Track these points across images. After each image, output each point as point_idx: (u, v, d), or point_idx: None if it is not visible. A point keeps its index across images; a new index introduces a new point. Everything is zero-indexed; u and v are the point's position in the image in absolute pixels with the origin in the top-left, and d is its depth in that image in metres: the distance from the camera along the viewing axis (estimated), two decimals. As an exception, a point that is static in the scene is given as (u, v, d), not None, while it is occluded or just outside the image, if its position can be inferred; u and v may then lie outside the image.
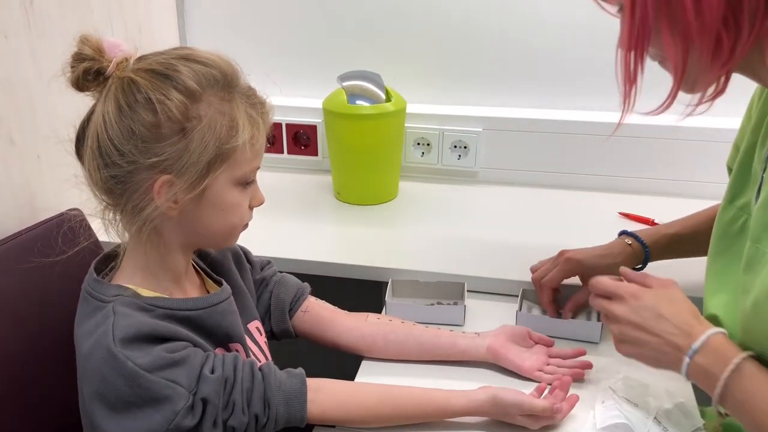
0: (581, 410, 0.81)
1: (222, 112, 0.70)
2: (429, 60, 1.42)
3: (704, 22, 0.59)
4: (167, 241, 0.75)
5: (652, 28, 0.62)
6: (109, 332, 0.68)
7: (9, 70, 0.99)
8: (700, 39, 0.61)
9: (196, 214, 0.73)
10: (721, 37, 0.60)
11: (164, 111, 0.67)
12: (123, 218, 0.74)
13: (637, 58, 0.64)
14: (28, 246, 0.92)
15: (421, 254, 1.13)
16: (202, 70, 0.70)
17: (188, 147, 0.69)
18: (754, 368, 0.66)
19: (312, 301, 0.95)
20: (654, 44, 0.64)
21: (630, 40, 0.64)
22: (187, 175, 0.69)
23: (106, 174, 0.70)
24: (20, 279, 0.90)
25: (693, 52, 0.62)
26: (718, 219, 0.81)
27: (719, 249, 0.79)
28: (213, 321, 0.77)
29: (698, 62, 0.63)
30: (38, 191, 1.06)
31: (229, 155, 0.71)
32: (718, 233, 0.80)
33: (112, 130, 0.69)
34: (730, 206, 0.79)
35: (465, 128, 1.40)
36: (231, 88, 0.72)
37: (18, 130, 1.01)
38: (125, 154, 0.69)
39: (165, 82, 0.69)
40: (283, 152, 1.48)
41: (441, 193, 1.40)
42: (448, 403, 0.79)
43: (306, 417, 0.76)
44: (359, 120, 1.26)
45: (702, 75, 0.64)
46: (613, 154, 1.36)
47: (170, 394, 0.68)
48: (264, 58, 1.47)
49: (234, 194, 0.74)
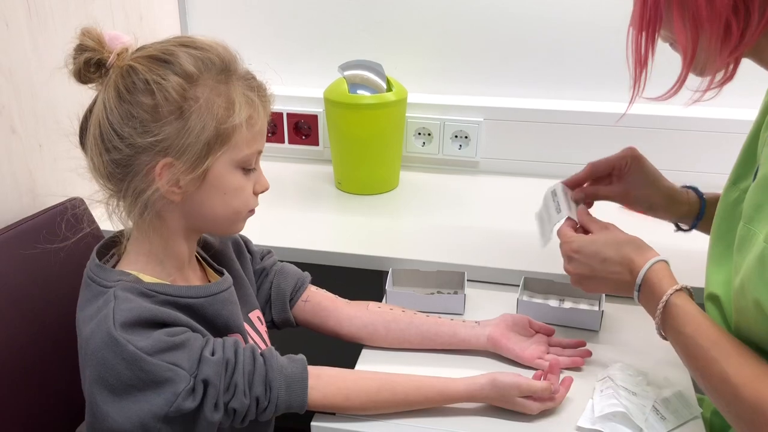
0: (579, 399, 0.82)
1: (219, 93, 0.71)
2: (430, 50, 1.42)
3: (714, 8, 0.60)
4: (171, 227, 0.76)
5: (664, 11, 0.63)
6: (110, 316, 0.69)
7: (10, 58, 0.99)
8: (709, 25, 0.61)
9: (199, 198, 0.74)
10: (731, 24, 0.61)
11: (162, 93, 0.69)
12: (126, 203, 0.74)
13: (648, 40, 0.65)
14: (30, 234, 0.93)
15: (421, 244, 1.14)
16: (200, 55, 0.71)
17: (186, 127, 0.69)
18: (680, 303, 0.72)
19: (312, 290, 0.96)
20: (665, 27, 0.64)
21: (642, 21, 0.64)
22: (186, 155, 0.70)
23: (107, 159, 0.71)
24: (22, 267, 0.91)
25: (703, 37, 0.63)
26: (722, 200, 0.81)
27: (721, 230, 0.80)
28: (213, 310, 0.77)
29: (707, 47, 0.63)
30: (40, 180, 1.06)
31: (228, 136, 0.72)
32: (721, 214, 0.81)
33: (112, 115, 0.70)
34: (733, 187, 0.79)
35: (466, 118, 1.39)
36: (228, 72, 0.73)
37: (19, 119, 1.02)
38: (125, 137, 0.70)
39: (163, 66, 0.70)
40: (284, 142, 1.48)
41: (442, 182, 1.40)
42: (447, 387, 0.80)
43: (306, 402, 0.76)
44: (360, 109, 1.26)
45: (711, 60, 0.65)
46: (615, 145, 1.35)
47: (171, 376, 0.68)
48: (265, 47, 1.47)
49: (236, 178, 0.75)
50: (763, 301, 0.65)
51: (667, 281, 0.74)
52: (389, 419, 0.79)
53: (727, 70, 0.65)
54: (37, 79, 1.05)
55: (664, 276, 0.75)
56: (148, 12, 1.35)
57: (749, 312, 0.67)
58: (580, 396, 0.82)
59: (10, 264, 0.90)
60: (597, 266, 0.80)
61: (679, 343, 0.72)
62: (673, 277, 0.75)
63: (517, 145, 1.40)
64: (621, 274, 0.78)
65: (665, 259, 0.77)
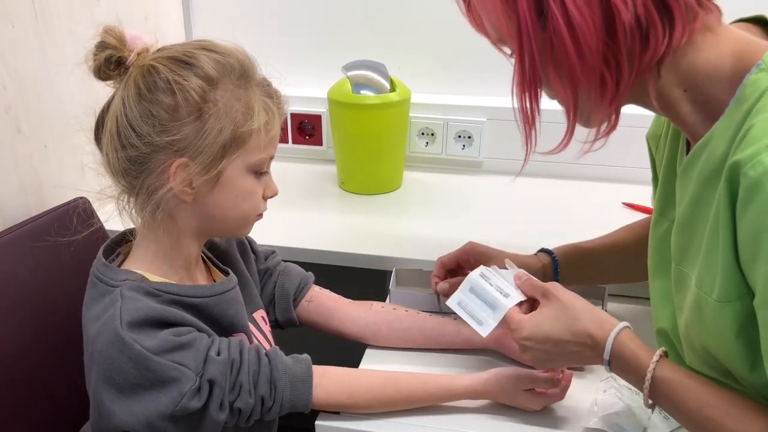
0: (583, 398, 0.82)
1: (238, 98, 0.72)
2: (434, 50, 1.42)
3: (586, 64, 0.61)
4: (181, 227, 0.76)
5: (541, 72, 0.64)
6: (116, 316, 0.69)
7: (16, 59, 0.99)
8: (585, 79, 0.62)
9: (211, 199, 0.74)
10: (605, 76, 0.62)
11: (183, 93, 0.69)
12: (138, 201, 0.75)
13: (532, 100, 0.66)
14: (36, 234, 0.93)
15: (424, 243, 1.14)
16: (220, 59, 0.72)
17: (204, 129, 0.70)
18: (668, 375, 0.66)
19: (316, 290, 0.96)
20: (545, 85, 0.66)
21: (522, 84, 0.66)
22: (201, 157, 0.71)
23: (123, 155, 0.72)
24: (28, 265, 0.91)
25: (581, 91, 0.64)
26: (652, 232, 0.79)
27: (656, 265, 0.78)
28: (219, 309, 0.78)
29: (588, 100, 0.65)
30: (45, 180, 1.06)
31: (244, 140, 0.72)
32: (654, 247, 0.79)
33: (131, 112, 0.70)
34: (661, 218, 0.78)
35: (469, 118, 1.39)
36: (247, 78, 0.74)
37: (25, 119, 1.02)
38: (143, 135, 0.70)
39: (185, 68, 0.71)
40: (287, 142, 1.48)
41: (445, 182, 1.40)
42: (452, 384, 0.80)
43: (311, 402, 0.76)
44: (364, 110, 1.26)
45: (594, 112, 0.66)
46: (618, 145, 1.35)
47: (177, 376, 0.69)
48: (269, 47, 1.47)
49: (248, 181, 0.75)
50: (708, 345, 0.65)
51: (642, 352, 0.68)
52: (394, 417, 0.80)
53: (610, 120, 0.67)
54: (43, 79, 1.05)
55: (636, 347, 0.69)
56: (152, 11, 1.36)
57: (698, 352, 0.68)
58: (583, 396, 0.82)
59: (16, 263, 0.90)
60: (553, 350, 0.73)
61: (682, 417, 0.67)
62: (643, 345, 0.69)
63: (521, 145, 1.39)
64: (582, 352, 0.72)
65: (626, 324, 0.71)
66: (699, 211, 0.65)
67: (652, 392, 0.67)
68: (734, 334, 0.61)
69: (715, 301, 0.61)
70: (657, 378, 0.66)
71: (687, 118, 0.66)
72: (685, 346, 0.70)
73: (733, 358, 0.63)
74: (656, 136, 0.83)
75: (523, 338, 0.74)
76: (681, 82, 0.64)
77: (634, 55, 0.61)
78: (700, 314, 0.64)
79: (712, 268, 0.62)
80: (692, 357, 0.70)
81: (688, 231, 0.68)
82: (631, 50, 0.61)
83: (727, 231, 0.59)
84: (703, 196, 0.65)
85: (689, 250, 0.68)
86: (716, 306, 0.62)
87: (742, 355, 0.62)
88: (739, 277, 0.60)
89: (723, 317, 0.61)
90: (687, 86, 0.65)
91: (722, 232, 0.60)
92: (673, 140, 0.77)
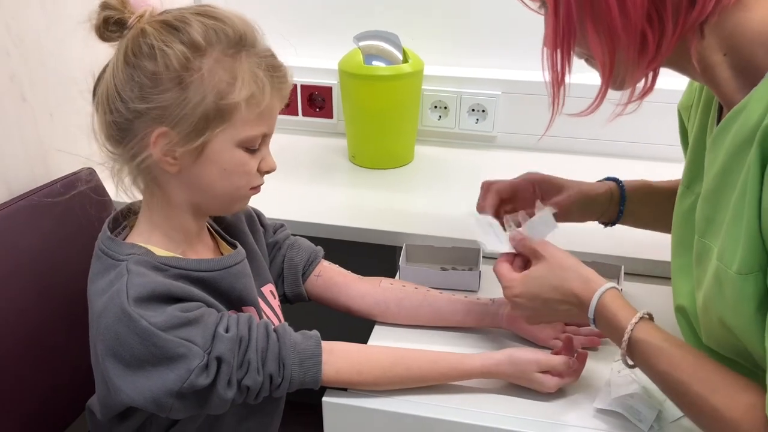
0: (596, 380, 0.80)
1: (225, 68, 0.69)
2: (447, 20, 1.38)
3: (629, 20, 0.58)
4: (173, 200, 0.75)
5: (577, 26, 0.61)
6: (123, 291, 0.68)
7: (20, 26, 0.97)
8: (625, 37, 0.60)
9: (196, 171, 0.72)
10: (646, 34, 0.59)
11: (163, 60, 0.68)
12: (123, 169, 0.74)
13: (563, 57, 0.63)
14: (42, 204, 0.92)
15: (436, 219, 1.12)
16: (215, 25, 0.70)
17: (184, 98, 0.68)
18: (643, 337, 0.68)
19: (325, 265, 0.95)
20: (580, 43, 0.63)
21: (555, 39, 0.62)
22: (181, 126, 0.69)
23: (110, 119, 0.71)
24: (33, 235, 0.90)
25: (619, 50, 0.61)
26: (677, 207, 0.77)
27: (680, 240, 0.76)
28: (227, 283, 0.77)
29: (625, 60, 0.62)
30: (51, 149, 1.05)
31: (228, 114, 0.70)
32: (678, 222, 0.77)
33: (116, 77, 0.70)
34: (687, 192, 0.76)
35: (483, 91, 1.36)
36: (240, 47, 0.71)
37: (30, 88, 1.00)
38: (125, 100, 0.69)
39: (172, 33, 0.69)
40: (297, 114, 1.46)
41: (458, 157, 1.38)
42: (463, 363, 0.79)
43: (320, 379, 0.76)
44: (375, 81, 1.24)
45: (630, 73, 0.63)
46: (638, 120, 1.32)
47: (185, 352, 0.68)
48: (279, 17, 1.44)
49: (237, 155, 0.73)
50: (726, 319, 0.63)
51: (623, 313, 0.69)
52: (402, 395, 0.78)
53: (646, 82, 0.64)
54: (47, 47, 1.03)
55: (618, 307, 0.70)
56: (160, -21, 1.33)
57: (715, 328, 0.66)
58: (596, 377, 0.81)
59: (22, 233, 0.89)
60: (541, 307, 0.76)
61: (655, 380, 0.68)
62: (627, 306, 0.70)
63: (536, 119, 1.36)
64: (570, 310, 0.75)
65: (613, 284, 0.72)
66: (727, 180, 0.63)
67: (629, 352, 0.69)
68: (754, 308, 0.60)
69: (736, 274, 0.60)
70: (634, 339, 0.68)
71: (725, 83, 0.63)
72: (702, 323, 0.69)
73: (751, 333, 0.61)
74: (687, 107, 0.81)
75: (514, 296, 0.78)
76: (722, 46, 0.61)
77: (680, 12, 0.58)
78: (720, 288, 0.63)
79: (735, 239, 0.60)
80: (709, 335, 0.68)
81: (714, 201, 0.65)
82: (678, 7, 0.58)
83: (753, 199, 0.57)
84: (733, 165, 0.62)
85: (714, 221, 0.65)
86: (736, 279, 0.60)
87: (761, 329, 0.60)
88: (760, 249, 0.58)
89: (743, 291, 0.60)
90: (727, 50, 0.61)
91: (749, 201, 0.58)
92: (704, 111, 0.74)
